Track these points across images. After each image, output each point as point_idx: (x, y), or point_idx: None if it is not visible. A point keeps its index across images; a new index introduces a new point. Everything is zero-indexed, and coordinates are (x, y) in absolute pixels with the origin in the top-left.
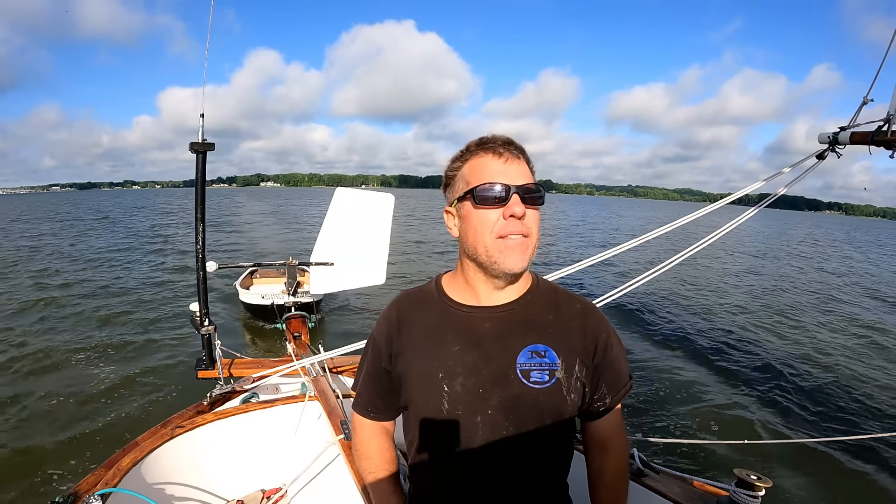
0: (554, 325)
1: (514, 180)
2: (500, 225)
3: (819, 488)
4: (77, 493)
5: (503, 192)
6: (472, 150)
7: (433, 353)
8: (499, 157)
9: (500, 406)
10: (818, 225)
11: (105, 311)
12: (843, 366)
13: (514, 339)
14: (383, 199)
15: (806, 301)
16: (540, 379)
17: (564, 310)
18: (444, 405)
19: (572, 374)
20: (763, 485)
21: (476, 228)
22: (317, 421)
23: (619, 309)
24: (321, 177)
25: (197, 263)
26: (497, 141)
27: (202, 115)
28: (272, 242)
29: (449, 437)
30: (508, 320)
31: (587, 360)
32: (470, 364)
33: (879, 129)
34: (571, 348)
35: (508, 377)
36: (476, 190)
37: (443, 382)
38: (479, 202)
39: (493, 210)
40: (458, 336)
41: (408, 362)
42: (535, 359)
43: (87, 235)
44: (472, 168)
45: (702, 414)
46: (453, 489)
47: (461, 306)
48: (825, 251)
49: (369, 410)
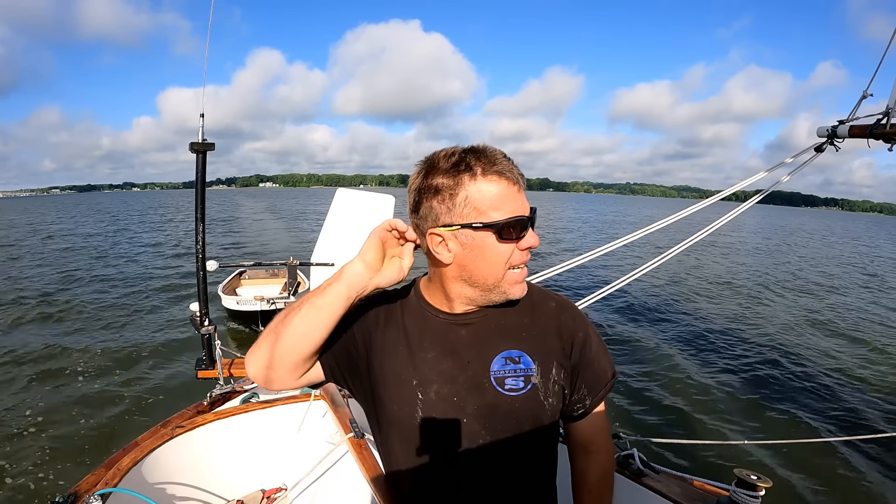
0: (529, 328)
1: (527, 210)
2: (519, 257)
3: (819, 488)
4: (77, 493)
5: (525, 226)
6: (484, 170)
7: (408, 358)
8: (514, 185)
9: (477, 415)
10: (803, 224)
11: (106, 311)
12: (842, 366)
13: (488, 346)
14: (383, 199)
15: (806, 301)
16: (515, 386)
17: (540, 310)
18: (417, 413)
19: (549, 377)
20: (763, 485)
21: (491, 261)
22: (321, 420)
23: (618, 309)
24: (319, 177)
25: (197, 263)
26: (507, 165)
27: (202, 115)
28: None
29: (424, 446)
30: (483, 326)
31: (564, 362)
32: (445, 372)
33: (878, 122)
34: (548, 350)
35: (483, 385)
36: (502, 225)
37: (417, 390)
38: (505, 238)
39: (513, 244)
40: (433, 343)
41: (381, 363)
42: (509, 365)
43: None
44: (489, 195)
45: (702, 414)
46: (431, 499)
47: (438, 312)
48: (817, 246)
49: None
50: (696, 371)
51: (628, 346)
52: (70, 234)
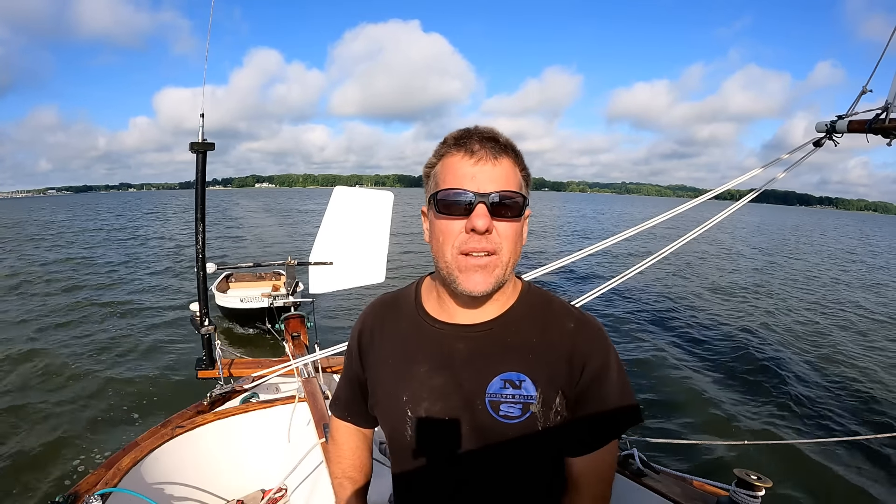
0: (536, 349)
1: (483, 186)
2: (462, 239)
3: (819, 488)
4: (77, 493)
5: (467, 200)
6: (449, 144)
7: (400, 372)
8: (469, 157)
9: (468, 438)
10: (798, 224)
11: (107, 312)
12: (843, 366)
13: (487, 365)
14: (383, 196)
15: (805, 301)
16: (509, 413)
17: (553, 329)
18: (407, 431)
19: (552, 407)
20: (763, 485)
21: (438, 239)
22: (307, 424)
23: (615, 309)
24: (315, 177)
25: (197, 264)
26: (474, 136)
27: (202, 115)
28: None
29: (414, 466)
30: (484, 341)
31: (568, 390)
32: (437, 388)
33: (877, 116)
34: (554, 376)
35: (476, 408)
36: (438, 196)
37: (406, 407)
38: (441, 211)
39: (457, 221)
40: (427, 356)
41: (376, 378)
42: (507, 389)
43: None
44: (443, 168)
45: (702, 414)
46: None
47: (434, 321)
48: (816, 245)
49: (346, 414)
50: (696, 371)
51: (627, 345)
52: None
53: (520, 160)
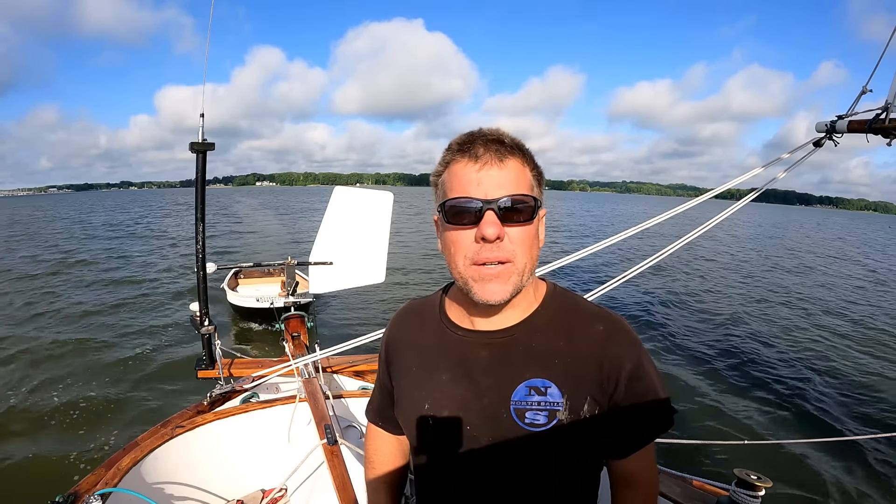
0: (563, 355)
1: (491, 192)
2: (474, 249)
3: (819, 488)
4: (77, 493)
5: (475, 208)
6: (453, 150)
7: (422, 381)
8: (474, 162)
9: (491, 447)
10: (802, 222)
11: (108, 311)
12: (843, 366)
13: (511, 372)
14: (383, 197)
15: (806, 301)
16: (535, 420)
17: (580, 334)
18: (428, 440)
19: (580, 413)
20: (763, 485)
21: (449, 250)
22: (307, 424)
23: (615, 308)
24: (316, 175)
25: (197, 263)
26: (478, 139)
27: (202, 115)
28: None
29: (436, 476)
30: (508, 348)
31: (601, 398)
32: (458, 397)
33: (877, 116)
34: (582, 383)
35: (500, 416)
36: (446, 205)
37: (428, 415)
38: (450, 220)
39: (467, 231)
40: (448, 364)
41: (400, 387)
42: (533, 396)
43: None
44: (450, 175)
45: (702, 414)
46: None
47: (457, 329)
48: (818, 245)
49: (378, 419)
50: (696, 371)
51: None
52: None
53: (529, 159)
